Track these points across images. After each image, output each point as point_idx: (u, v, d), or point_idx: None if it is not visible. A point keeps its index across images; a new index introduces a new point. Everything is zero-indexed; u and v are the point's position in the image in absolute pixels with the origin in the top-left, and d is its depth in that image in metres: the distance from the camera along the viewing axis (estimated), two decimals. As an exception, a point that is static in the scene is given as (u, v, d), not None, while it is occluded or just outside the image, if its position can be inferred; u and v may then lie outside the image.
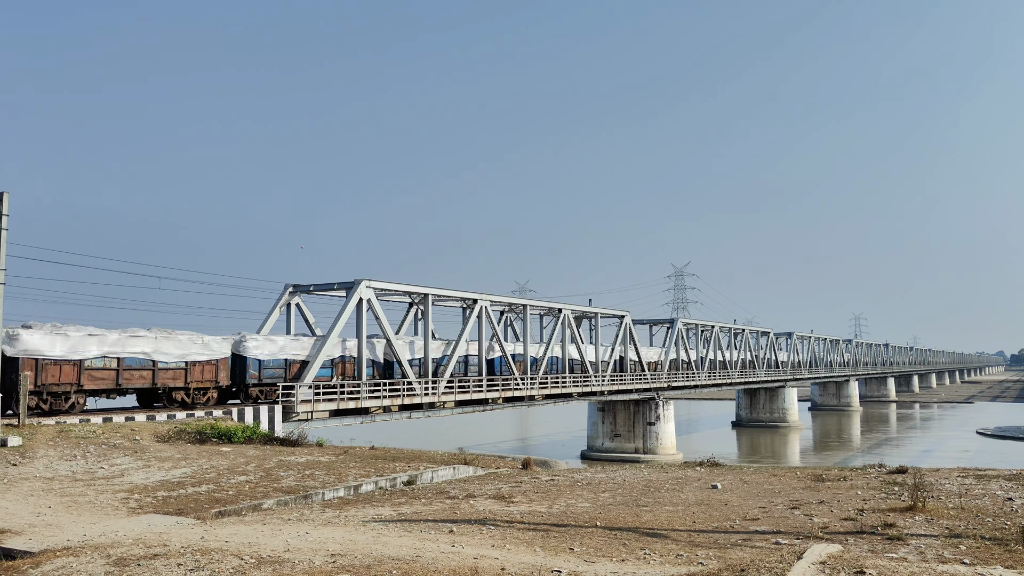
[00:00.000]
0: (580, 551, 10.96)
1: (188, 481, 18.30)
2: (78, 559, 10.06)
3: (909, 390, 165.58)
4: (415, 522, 13.33)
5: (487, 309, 43.22)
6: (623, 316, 58.82)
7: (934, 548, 10.99)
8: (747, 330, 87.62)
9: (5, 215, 24.46)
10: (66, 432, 23.31)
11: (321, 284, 38.79)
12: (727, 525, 13.18)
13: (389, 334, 36.88)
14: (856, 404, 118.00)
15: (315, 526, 12.75)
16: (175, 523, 13.12)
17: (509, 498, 16.45)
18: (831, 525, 12.98)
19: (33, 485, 17.17)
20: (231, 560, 9.74)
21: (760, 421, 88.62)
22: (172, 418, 27.45)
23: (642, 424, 58.19)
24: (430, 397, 37.91)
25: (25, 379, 24.25)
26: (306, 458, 22.87)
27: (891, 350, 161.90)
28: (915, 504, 14.28)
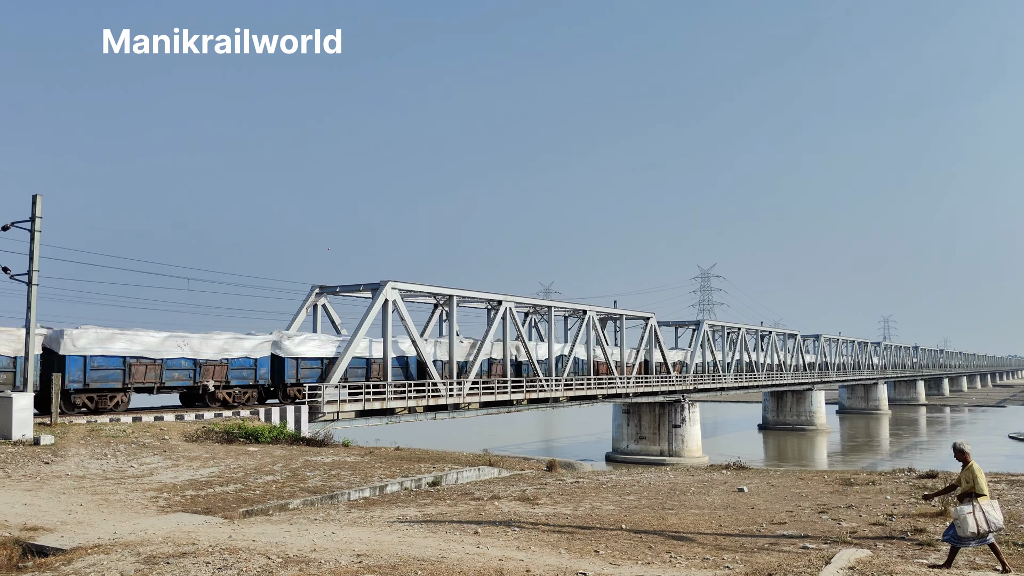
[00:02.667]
0: (605, 553, 10.93)
1: (216, 480, 18.48)
2: (109, 556, 10.20)
3: (939, 393, 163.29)
4: (440, 523, 13.36)
5: (512, 310, 43.24)
6: (648, 318, 58.58)
7: (965, 554, 10.83)
8: (774, 332, 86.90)
9: (38, 217, 24.88)
10: (97, 431, 23.65)
11: (347, 285, 39.03)
12: (753, 529, 13.07)
13: (414, 335, 37.02)
14: (885, 407, 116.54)
15: (341, 526, 12.82)
16: (203, 522, 13.25)
17: (534, 500, 16.44)
18: (860, 530, 12.83)
19: (65, 483, 17.43)
20: (258, 559, 9.82)
21: (787, 424, 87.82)
22: (200, 418, 27.75)
23: (667, 426, 57.88)
24: (455, 398, 37.99)
25: (56, 379, 24.62)
26: (332, 458, 23.01)
27: (921, 353, 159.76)
28: (946, 509, 14.06)
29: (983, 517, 9.59)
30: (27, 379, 23.81)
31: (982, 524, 9.58)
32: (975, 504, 9.72)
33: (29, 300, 24.29)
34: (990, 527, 9.62)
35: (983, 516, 9.60)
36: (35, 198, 24.84)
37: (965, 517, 9.64)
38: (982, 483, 9.86)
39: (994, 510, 9.72)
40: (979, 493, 9.81)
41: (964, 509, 9.73)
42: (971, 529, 9.59)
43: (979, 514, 9.61)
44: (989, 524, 9.61)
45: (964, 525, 9.63)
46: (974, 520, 9.59)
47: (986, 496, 9.82)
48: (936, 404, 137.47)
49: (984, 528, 9.59)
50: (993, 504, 9.81)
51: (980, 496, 9.79)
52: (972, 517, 9.60)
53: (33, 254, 24.72)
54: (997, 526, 9.69)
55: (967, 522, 9.61)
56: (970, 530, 9.59)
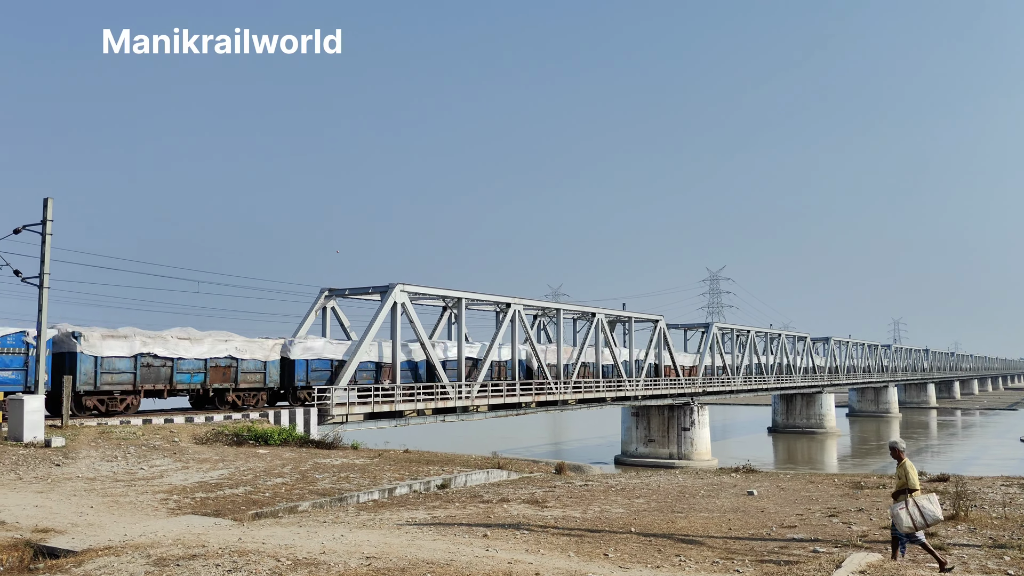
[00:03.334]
0: (615, 557, 10.91)
1: (225, 483, 18.53)
2: (119, 558, 10.23)
3: (950, 396, 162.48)
4: (449, 525, 13.36)
5: (520, 313, 43.24)
6: (657, 320, 58.48)
7: (977, 558, 10.77)
8: (783, 335, 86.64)
9: (49, 220, 25.03)
10: (107, 433, 23.75)
11: (356, 288, 39.09)
12: (764, 532, 13.03)
13: (423, 338, 37.05)
14: (895, 410, 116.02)
15: (350, 528, 12.83)
16: (213, 524, 13.29)
17: (543, 503, 16.43)
18: (870, 533, 12.77)
19: (76, 485, 17.51)
20: (268, 562, 9.84)
21: (797, 427, 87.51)
22: (210, 420, 27.84)
23: (677, 429, 57.75)
24: (463, 401, 38.00)
25: (68, 382, 24.74)
26: (341, 460, 23.05)
27: (931, 355, 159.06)
28: (957, 513, 13.99)
29: (917, 512, 9.91)
30: (38, 381, 23.94)
31: (917, 518, 9.89)
32: (908, 500, 10.04)
33: (40, 303, 24.43)
34: (927, 520, 9.93)
35: (917, 511, 9.91)
36: (46, 201, 24.99)
37: (898, 513, 10.02)
38: (914, 479, 10.18)
39: (931, 504, 10.00)
40: (911, 489, 10.12)
41: (897, 506, 10.11)
42: (907, 524, 9.91)
43: (913, 509, 9.93)
44: (925, 518, 9.91)
45: (899, 521, 9.99)
46: (908, 515, 9.93)
47: (919, 491, 10.14)
48: (947, 407, 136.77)
49: (920, 522, 9.90)
50: (930, 498, 10.11)
51: (913, 492, 10.11)
52: (906, 512, 9.94)
53: (44, 257, 24.86)
54: (934, 518, 9.99)
55: (901, 518, 9.97)
56: (906, 525, 9.91)
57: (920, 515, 9.93)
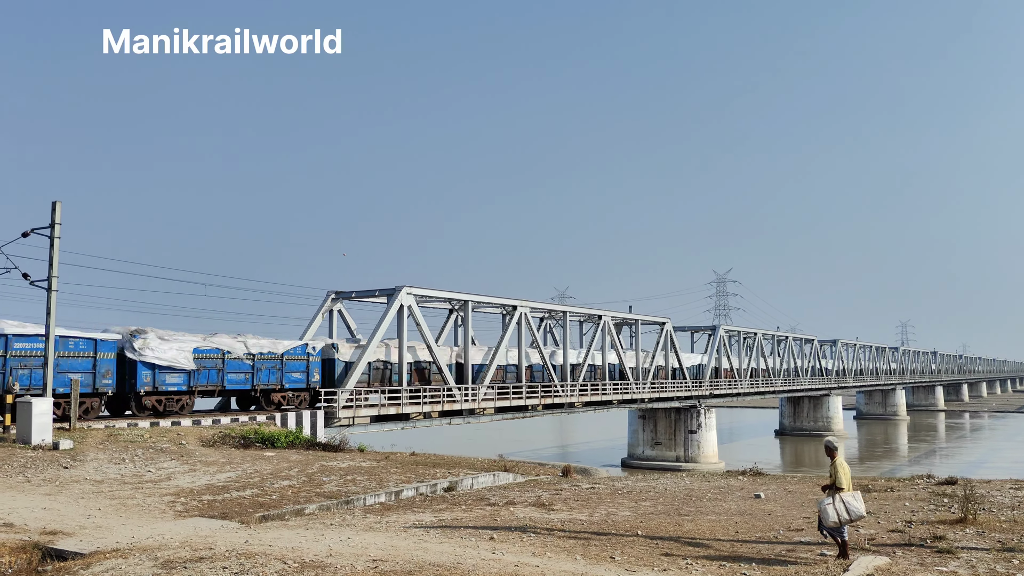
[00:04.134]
0: (621, 560, 10.90)
1: (233, 485, 18.57)
2: (127, 561, 10.27)
3: (958, 399, 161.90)
4: (456, 528, 13.36)
5: (527, 316, 43.24)
6: (664, 323, 58.42)
7: (986, 562, 10.72)
8: (790, 337, 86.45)
9: (58, 224, 25.13)
10: (115, 436, 23.83)
11: (363, 291, 39.18)
12: (771, 535, 12.99)
13: (429, 341, 37.08)
14: (903, 413, 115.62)
15: (357, 531, 12.85)
16: (220, 527, 13.31)
17: (549, 505, 16.42)
18: (878, 537, 12.72)
19: (84, 487, 17.57)
20: (275, 564, 9.86)
21: (804, 430, 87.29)
22: (217, 423, 27.91)
23: (683, 432, 57.70)
24: (470, 403, 38.03)
25: (75, 384, 24.84)
26: (348, 463, 23.07)
27: (939, 358, 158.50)
28: (965, 516, 13.92)
29: (843, 507, 10.48)
30: (47, 384, 24.02)
31: (843, 514, 10.47)
32: (835, 496, 10.61)
33: (49, 306, 24.53)
34: (851, 516, 10.48)
35: (843, 506, 10.48)
36: (54, 205, 25.09)
37: (825, 508, 10.59)
38: (842, 477, 10.77)
39: (856, 500, 10.57)
40: (839, 486, 10.71)
41: (826, 501, 10.66)
42: (832, 519, 10.51)
43: (839, 505, 10.50)
44: (850, 513, 10.48)
45: (825, 516, 10.57)
46: (834, 510, 10.50)
47: (846, 489, 10.68)
48: (955, 410, 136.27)
49: (845, 517, 10.48)
50: (855, 496, 10.65)
51: (840, 489, 10.68)
52: (832, 508, 10.52)
53: (53, 260, 24.97)
54: (858, 514, 10.51)
55: (827, 512, 10.54)
56: (831, 520, 10.51)
57: (846, 511, 10.47)
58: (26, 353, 25.13)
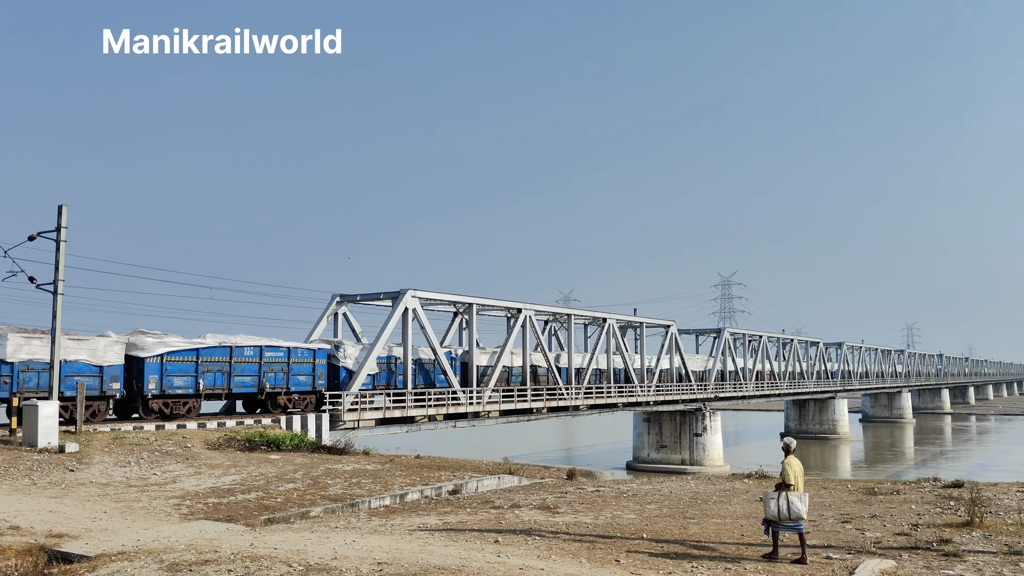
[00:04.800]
0: (626, 563, 10.89)
1: (238, 488, 18.60)
2: (132, 563, 10.29)
3: (965, 402, 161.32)
4: (460, 531, 13.36)
5: (531, 319, 43.24)
6: (669, 326, 58.36)
7: (993, 565, 10.68)
8: (796, 340, 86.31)
9: (63, 227, 25.22)
10: (120, 439, 23.89)
11: (367, 294, 39.21)
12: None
13: (434, 343, 37.09)
14: (909, 416, 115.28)
15: (362, 534, 12.86)
16: (225, 529, 13.33)
17: (554, 508, 16.41)
18: (884, 540, 12.69)
19: (89, 490, 17.61)
20: (280, 567, 9.87)
21: (809, 433, 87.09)
22: (222, 426, 27.95)
23: (688, 435, 57.61)
24: (475, 406, 38.02)
25: (81, 387, 24.90)
26: (353, 466, 23.09)
27: (946, 360, 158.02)
28: (972, 519, 13.87)
29: (785, 505, 10.88)
30: (52, 387, 24.08)
31: (783, 510, 10.89)
32: (780, 493, 11.02)
33: (55, 309, 24.60)
34: (791, 515, 10.86)
35: (785, 504, 10.88)
36: (60, 208, 25.18)
37: (768, 502, 11.10)
38: (789, 476, 11.09)
39: (800, 502, 10.90)
40: (787, 484, 11.06)
41: (769, 495, 11.15)
42: (771, 513, 11.01)
43: (782, 502, 10.92)
44: (791, 512, 10.86)
45: (768, 508, 11.09)
46: (776, 505, 10.96)
47: (794, 488, 11.02)
48: (962, 413, 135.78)
49: (784, 514, 10.88)
50: (802, 497, 10.97)
51: (789, 487, 11.02)
52: (775, 503, 10.98)
53: (59, 264, 25.05)
54: (797, 515, 10.85)
55: (770, 506, 11.04)
56: (770, 513, 11.02)
57: (787, 509, 10.86)
58: (274, 359, 31.27)
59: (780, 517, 10.94)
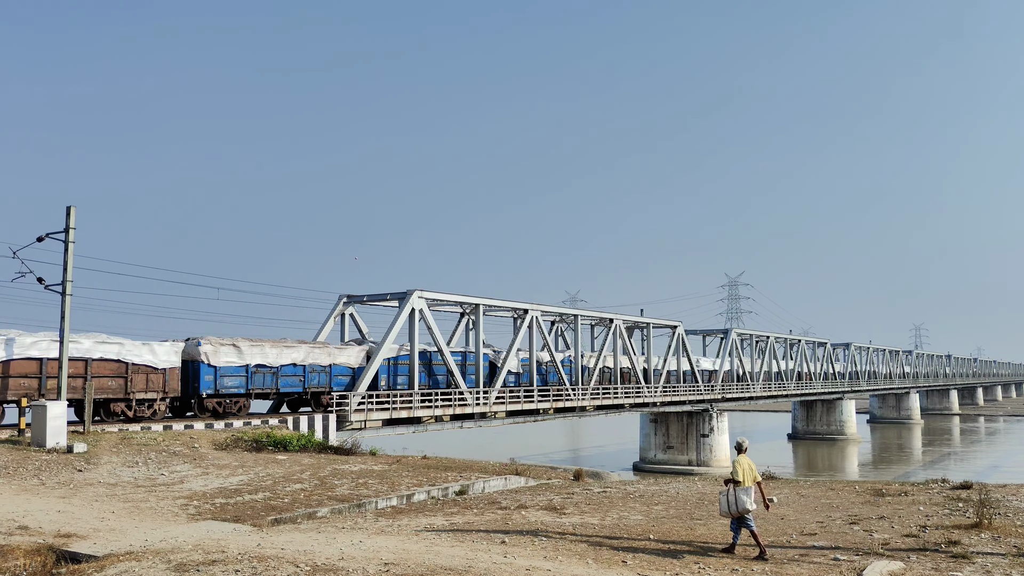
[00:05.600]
0: (633, 564, 10.87)
1: (245, 488, 18.64)
2: (140, 564, 10.32)
3: (973, 403, 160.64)
4: (467, 532, 13.36)
5: (538, 319, 43.21)
6: (676, 326, 58.26)
7: (1001, 567, 10.63)
8: (803, 341, 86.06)
9: (72, 228, 25.31)
10: (128, 439, 23.96)
11: (374, 294, 39.25)
12: (784, 540, 12.93)
13: (441, 344, 37.11)
14: (917, 417, 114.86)
15: (369, 535, 12.86)
16: (232, 530, 13.36)
17: (561, 509, 16.39)
18: (892, 541, 12.64)
19: (97, 490, 17.67)
20: (287, 567, 9.89)
21: (817, 434, 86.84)
22: (229, 426, 28.01)
23: (695, 436, 57.49)
24: (481, 407, 38.01)
25: (90, 387, 24.99)
26: (359, 467, 23.11)
27: (954, 361, 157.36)
28: (981, 521, 13.81)
29: (734, 500, 11.48)
30: (60, 388, 24.17)
31: (733, 505, 11.49)
32: (729, 488, 11.65)
33: (63, 310, 24.70)
34: (738, 508, 11.45)
35: (733, 499, 11.49)
36: (68, 209, 25.28)
37: (721, 499, 11.68)
38: (738, 472, 11.69)
39: (746, 496, 11.50)
40: (736, 481, 11.64)
41: (722, 492, 11.74)
42: (723, 509, 11.63)
43: (731, 496, 11.53)
44: (738, 506, 11.46)
45: (720, 505, 11.69)
46: (726, 500, 11.58)
47: (743, 484, 11.60)
48: (970, 414, 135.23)
49: (734, 508, 11.48)
50: (747, 491, 11.57)
51: (738, 483, 11.60)
52: (725, 498, 11.60)
53: (67, 265, 25.15)
54: (743, 508, 11.42)
55: (721, 502, 11.65)
56: (723, 510, 11.65)
57: (735, 503, 11.47)
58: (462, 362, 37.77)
59: (730, 512, 11.54)
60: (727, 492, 11.59)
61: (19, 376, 24.43)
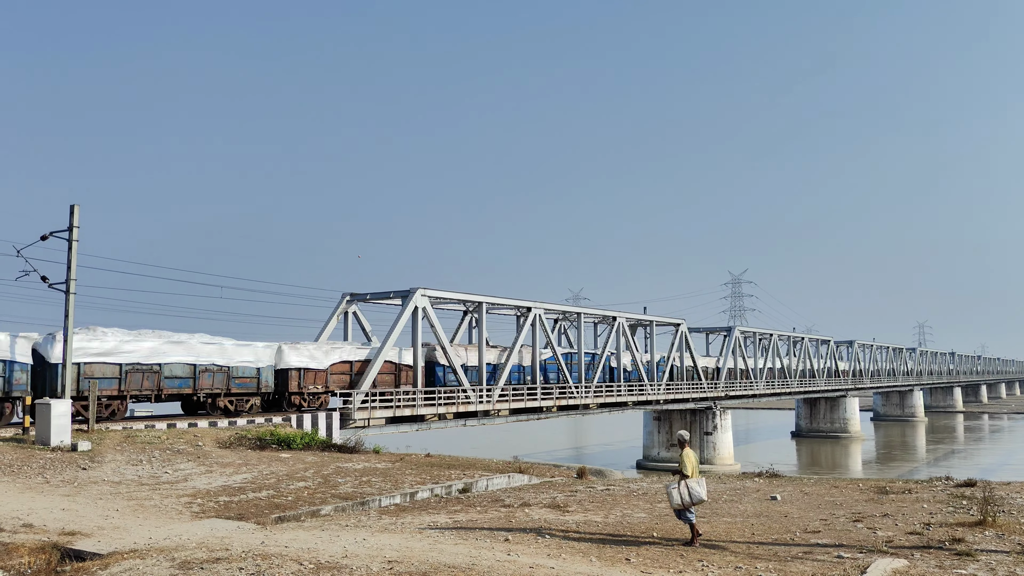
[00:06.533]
0: (636, 562, 10.87)
1: (249, 486, 18.66)
2: (144, 562, 10.33)
3: (977, 400, 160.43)
4: (470, 530, 13.36)
5: (541, 317, 43.21)
6: (679, 324, 58.23)
7: (1006, 564, 10.61)
8: (806, 338, 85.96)
9: (75, 227, 25.34)
10: (132, 437, 24.00)
11: (377, 293, 39.28)
12: (787, 537, 12.92)
13: (444, 342, 37.12)
14: (920, 414, 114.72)
15: (372, 532, 12.87)
16: (236, 528, 13.38)
17: (564, 507, 16.39)
18: (896, 539, 12.62)
19: (102, 489, 17.70)
20: (290, 565, 9.90)
21: (820, 431, 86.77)
22: (233, 424, 28.04)
23: (699, 434, 57.48)
24: (484, 405, 38.03)
25: (94, 385, 25.03)
26: (363, 465, 23.13)
27: (957, 359, 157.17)
28: (985, 519, 13.78)
29: (687, 492, 11.79)
30: (64, 386, 24.22)
31: (685, 497, 11.78)
32: (680, 482, 11.92)
33: (67, 308, 24.74)
34: (693, 499, 11.78)
35: (687, 491, 11.79)
36: (72, 208, 25.31)
37: (671, 492, 11.91)
38: (686, 466, 12.09)
39: (698, 486, 11.86)
40: (685, 474, 12.03)
41: (672, 486, 11.98)
42: (676, 502, 11.84)
43: (683, 489, 11.81)
44: (692, 497, 11.77)
45: (671, 498, 11.90)
46: (678, 494, 11.81)
47: (691, 476, 12.00)
48: (974, 411, 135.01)
49: (688, 500, 11.77)
50: (699, 482, 11.97)
51: (686, 476, 11.99)
52: (676, 492, 11.83)
53: (71, 263, 25.18)
54: (699, 498, 11.79)
55: (672, 496, 11.87)
56: (675, 502, 11.85)
57: (688, 495, 11.76)
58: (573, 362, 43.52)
59: (684, 503, 11.80)
60: (678, 485, 11.88)
61: (337, 374, 33.71)
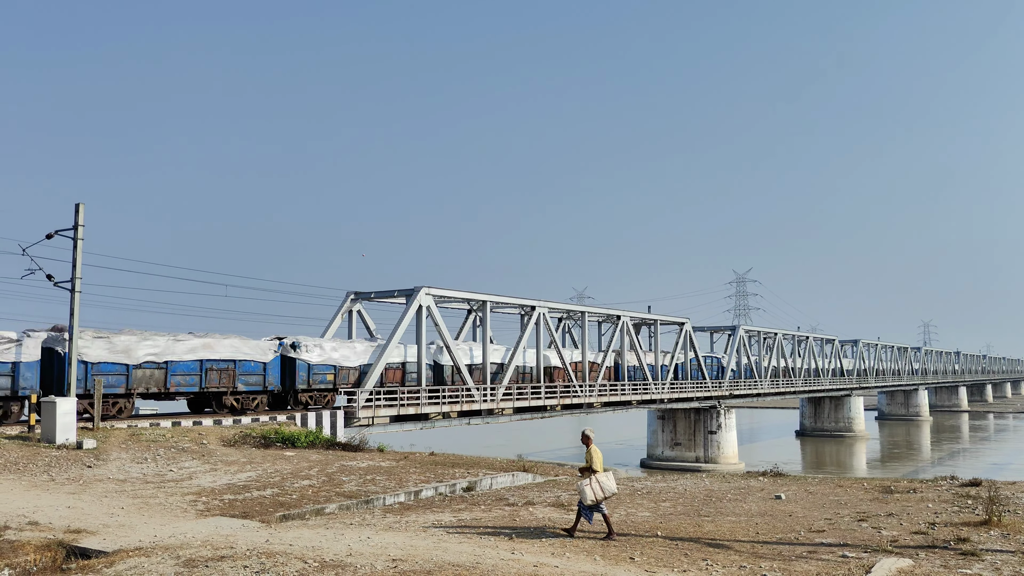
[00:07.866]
0: (640, 560, 10.86)
1: (253, 485, 18.69)
2: (149, 559, 10.36)
3: (982, 399, 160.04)
4: (475, 528, 13.37)
5: (545, 316, 43.20)
6: (683, 323, 58.18)
7: (1011, 564, 10.59)
8: (811, 337, 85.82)
9: (81, 225, 25.40)
10: (137, 436, 24.06)
11: (382, 291, 39.29)
12: (791, 537, 12.90)
13: (448, 341, 37.14)
14: (925, 414, 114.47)
15: (376, 531, 12.89)
16: (241, 526, 13.41)
17: (568, 506, 16.39)
18: (900, 539, 12.60)
19: (107, 487, 17.75)
20: (295, 563, 9.92)
21: (825, 430, 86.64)
22: (238, 423, 28.09)
23: (703, 433, 57.44)
24: (488, 404, 38.04)
25: (99, 383, 25.10)
26: (367, 463, 23.16)
27: (963, 358, 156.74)
28: (990, 518, 13.75)
29: (599, 487, 12.03)
30: (71, 384, 24.28)
31: (598, 492, 12.01)
32: (592, 478, 12.12)
33: (72, 307, 24.81)
34: (605, 493, 12.05)
35: (599, 486, 12.03)
36: (77, 207, 25.37)
37: (584, 488, 12.07)
38: (596, 461, 12.31)
39: (608, 480, 12.14)
40: (595, 469, 12.23)
41: (584, 482, 12.14)
42: (590, 498, 12.00)
43: (595, 485, 12.03)
44: (605, 491, 12.05)
45: (584, 495, 12.03)
46: (591, 489, 12.00)
47: (600, 471, 12.24)
48: (979, 411, 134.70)
49: (601, 495, 12.02)
50: (608, 476, 12.23)
51: (596, 472, 12.21)
52: (589, 488, 12.01)
53: (76, 261, 25.25)
54: (611, 491, 12.10)
55: (586, 492, 12.02)
56: (589, 498, 12.00)
57: (601, 489, 12.00)
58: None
59: (598, 498, 12.02)
60: (589, 481, 12.07)
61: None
